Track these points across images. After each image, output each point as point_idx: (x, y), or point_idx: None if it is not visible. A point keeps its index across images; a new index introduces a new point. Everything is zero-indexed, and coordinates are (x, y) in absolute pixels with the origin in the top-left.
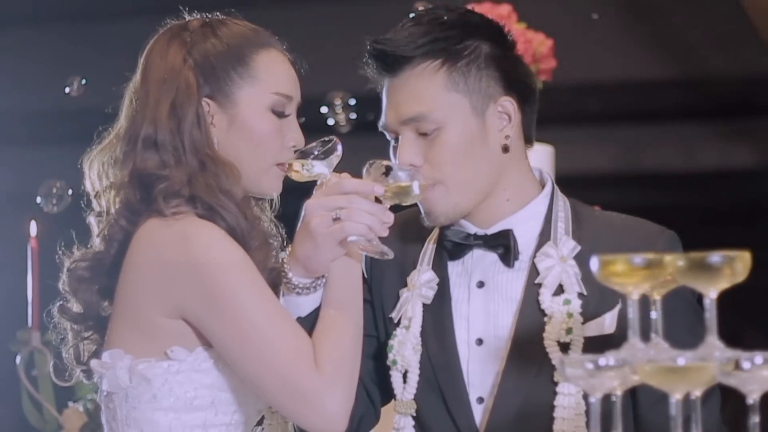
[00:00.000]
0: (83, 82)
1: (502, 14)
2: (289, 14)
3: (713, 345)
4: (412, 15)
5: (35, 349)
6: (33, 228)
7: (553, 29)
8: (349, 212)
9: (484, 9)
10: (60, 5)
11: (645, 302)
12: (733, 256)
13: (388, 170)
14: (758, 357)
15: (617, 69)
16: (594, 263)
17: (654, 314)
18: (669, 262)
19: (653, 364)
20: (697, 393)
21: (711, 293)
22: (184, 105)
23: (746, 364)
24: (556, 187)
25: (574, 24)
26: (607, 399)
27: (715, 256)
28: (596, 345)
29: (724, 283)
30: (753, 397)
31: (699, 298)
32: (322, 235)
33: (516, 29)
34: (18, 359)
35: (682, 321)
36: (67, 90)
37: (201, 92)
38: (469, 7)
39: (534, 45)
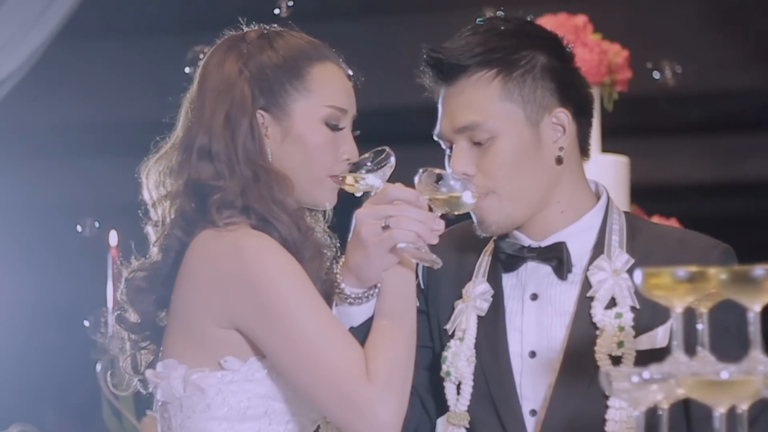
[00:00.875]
0: (96, 225)
1: (578, 25)
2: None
3: (757, 359)
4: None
5: (115, 357)
6: (113, 238)
7: (630, 39)
8: (398, 220)
9: (560, 20)
10: (147, 18)
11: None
12: None
13: (439, 178)
14: None
15: (704, 78)
16: (638, 276)
17: (700, 327)
18: (712, 275)
19: (696, 378)
20: (743, 407)
21: (755, 307)
22: (239, 116)
23: None
24: (611, 199)
25: (652, 33)
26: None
27: (758, 270)
28: (649, 358)
29: None
30: None
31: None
32: (372, 243)
33: (591, 40)
34: (98, 367)
35: (736, 334)
36: (78, 229)
37: (256, 104)
38: (545, 17)
39: (609, 55)
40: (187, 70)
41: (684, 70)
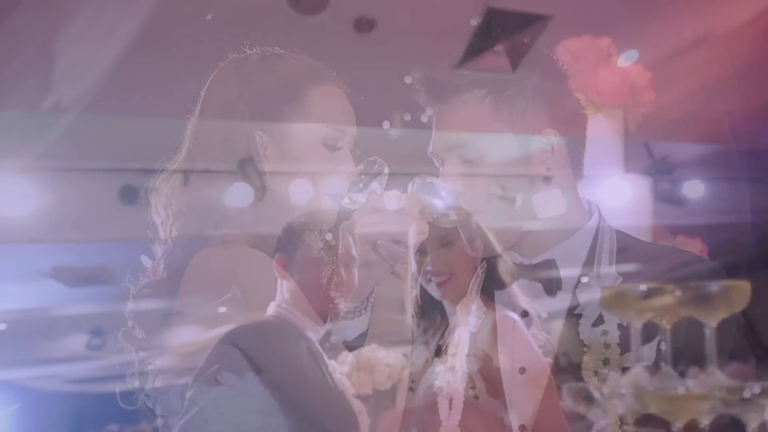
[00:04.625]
0: None
1: (602, 47)
2: None
3: (713, 374)
4: None
5: None
6: (146, 261)
7: (653, 62)
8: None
9: (584, 41)
10: None
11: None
12: (730, 285)
13: (431, 188)
14: (757, 387)
15: None
16: (596, 292)
17: (663, 345)
18: (668, 291)
19: (654, 393)
20: (705, 422)
21: (711, 322)
22: (237, 137)
23: (746, 394)
24: (603, 218)
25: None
26: None
27: (713, 286)
28: None
29: (723, 313)
30: (752, 426)
31: None
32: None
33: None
34: None
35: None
36: None
37: (254, 125)
38: (569, 40)
39: (632, 77)
40: None
41: None
